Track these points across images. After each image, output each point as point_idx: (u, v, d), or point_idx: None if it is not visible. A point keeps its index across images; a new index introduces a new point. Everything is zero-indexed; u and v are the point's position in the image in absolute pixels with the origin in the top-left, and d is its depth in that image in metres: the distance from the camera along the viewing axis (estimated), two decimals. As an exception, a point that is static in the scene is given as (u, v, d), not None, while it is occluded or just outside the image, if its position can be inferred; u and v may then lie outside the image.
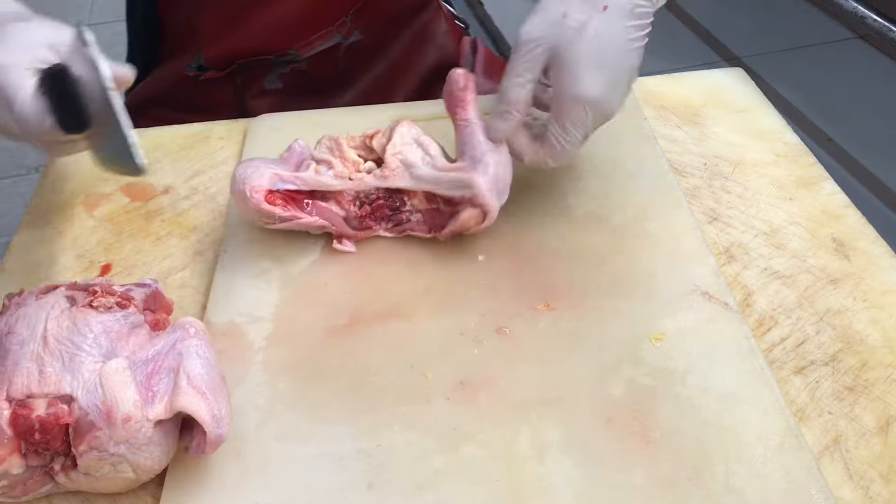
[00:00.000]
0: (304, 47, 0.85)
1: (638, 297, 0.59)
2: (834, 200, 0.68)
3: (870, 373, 0.55)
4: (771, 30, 2.38)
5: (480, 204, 0.59)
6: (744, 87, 0.81)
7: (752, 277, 0.62)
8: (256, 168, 0.61)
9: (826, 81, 2.13)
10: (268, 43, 0.84)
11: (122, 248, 0.67)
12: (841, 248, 0.64)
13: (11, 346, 0.48)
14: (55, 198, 0.72)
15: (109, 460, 0.46)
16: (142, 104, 0.88)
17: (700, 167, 0.72)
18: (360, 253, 0.64)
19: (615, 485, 0.47)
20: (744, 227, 0.66)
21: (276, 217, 0.60)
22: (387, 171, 0.62)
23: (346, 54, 0.87)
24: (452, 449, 0.50)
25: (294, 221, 0.61)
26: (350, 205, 0.63)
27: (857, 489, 0.48)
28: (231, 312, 0.60)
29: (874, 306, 0.59)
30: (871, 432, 0.51)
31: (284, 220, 0.61)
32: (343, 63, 0.88)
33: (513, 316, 0.58)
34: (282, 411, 0.53)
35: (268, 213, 0.60)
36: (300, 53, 0.85)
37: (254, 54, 0.84)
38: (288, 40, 0.84)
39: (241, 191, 0.60)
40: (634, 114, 0.76)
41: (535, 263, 0.61)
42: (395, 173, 0.62)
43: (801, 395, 0.54)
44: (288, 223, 0.61)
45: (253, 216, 0.61)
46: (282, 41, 0.84)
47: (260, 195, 0.59)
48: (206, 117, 0.80)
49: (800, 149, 0.73)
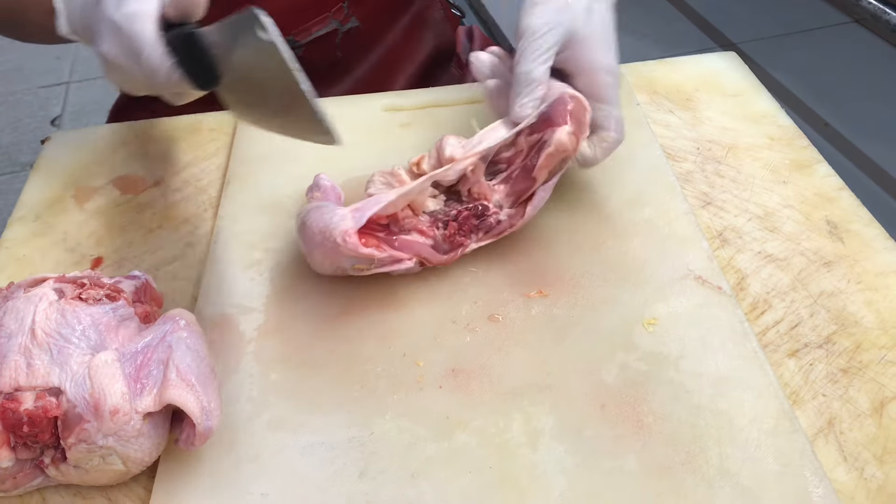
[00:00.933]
0: (302, 33, 0.84)
1: (631, 282, 0.58)
2: (828, 183, 0.68)
3: (864, 355, 0.55)
4: (766, 15, 2.37)
5: (570, 112, 0.57)
6: (737, 72, 0.80)
7: (746, 261, 0.61)
8: (331, 211, 0.55)
9: (822, 66, 2.13)
10: None
11: (113, 241, 0.66)
12: (835, 230, 0.63)
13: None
14: (46, 192, 0.72)
15: (98, 453, 0.46)
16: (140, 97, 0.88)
17: (693, 152, 0.71)
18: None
19: (609, 470, 0.47)
20: (737, 210, 0.65)
21: (374, 261, 0.55)
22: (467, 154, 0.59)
23: (343, 42, 0.87)
24: (445, 437, 0.50)
25: (392, 263, 0.56)
26: (432, 229, 0.58)
27: (852, 471, 0.48)
28: (222, 304, 0.59)
29: (868, 288, 0.59)
30: (865, 414, 0.51)
31: (382, 264, 0.56)
32: (340, 51, 0.87)
33: (505, 303, 0.58)
34: (274, 401, 0.52)
35: (367, 257, 0.55)
36: (297, 39, 0.84)
37: None
38: (286, 25, 0.83)
39: (331, 240, 0.54)
40: (626, 100, 0.75)
41: (527, 250, 0.61)
42: (480, 145, 0.59)
43: (796, 378, 0.53)
44: (384, 267, 0.56)
45: (343, 264, 0.56)
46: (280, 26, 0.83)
47: (355, 239, 0.53)
48: (203, 108, 0.80)
49: (793, 132, 0.73)
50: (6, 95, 2.29)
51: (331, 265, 0.56)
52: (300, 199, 0.67)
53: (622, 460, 0.48)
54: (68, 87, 2.31)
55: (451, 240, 0.58)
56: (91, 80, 2.34)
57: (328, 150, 0.71)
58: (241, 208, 0.67)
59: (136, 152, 0.75)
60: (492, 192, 0.60)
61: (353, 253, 0.54)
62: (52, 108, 2.23)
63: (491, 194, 0.60)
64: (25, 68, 2.39)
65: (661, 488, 0.46)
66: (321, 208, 0.56)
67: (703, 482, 0.46)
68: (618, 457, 0.48)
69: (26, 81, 2.34)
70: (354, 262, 0.55)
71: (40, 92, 2.30)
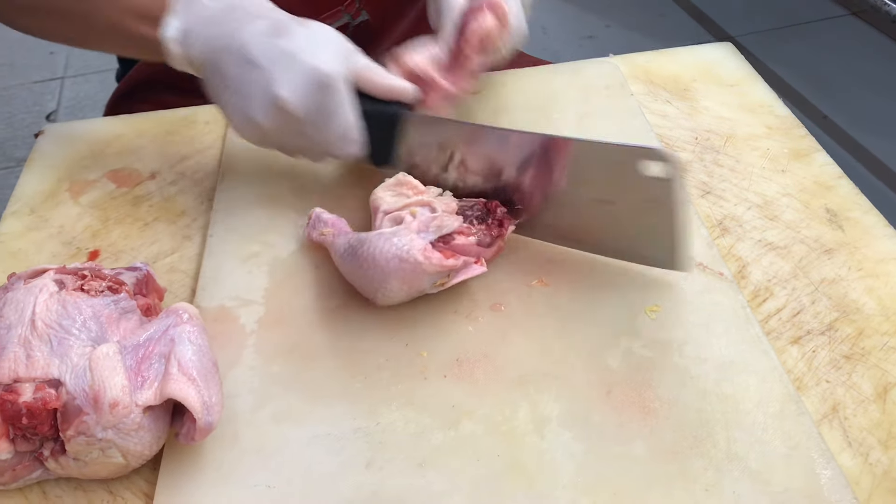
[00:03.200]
0: None
1: (632, 270, 0.58)
2: (826, 171, 0.68)
3: (866, 341, 0.55)
4: (764, 7, 2.37)
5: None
6: (733, 62, 0.81)
7: (747, 249, 0.61)
8: (391, 236, 0.53)
9: (820, 59, 2.14)
10: None
11: (109, 234, 0.66)
12: (834, 218, 0.64)
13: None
14: (40, 185, 0.71)
15: (98, 445, 0.45)
16: (140, 87, 0.87)
17: (691, 141, 0.71)
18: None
19: (616, 456, 0.47)
20: (737, 199, 0.66)
21: (455, 270, 0.54)
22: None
23: (353, 35, 0.86)
24: (452, 426, 0.49)
25: (465, 269, 0.55)
26: (469, 227, 0.56)
27: (857, 456, 0.48)
28: (221, 296, 0.59)
29: (869, 275, 0.59)
30: (868, 399, 0.51)
31: (457, 271, 0.54)
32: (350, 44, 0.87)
33: (507, 292, 0.57)
34: (277, 393, 0.52)
35: (451, 267, 0.53)
36: None
37: None
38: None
39: (411, 261, 0.52)
40: (621, 91, 0.75)
41: (526, 240, 0.61)
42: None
43: (799, 365, 0.53)
44: (460, 275, 0.54)
45: (424, 285, 0.54)
46: None
47: (437, 254, 0.52)
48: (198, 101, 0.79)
49: (791, 121, 0.73)
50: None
51: (409, 290, 0.54)
52: (295, 192, 0.67)
53: (630, 445, 0.47)
54: (63, 82, 2.28)
55: (491, 231, 0.57)
56: (86, 74, 2.31)
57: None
58: (236, 201, 0.66)
59: (131, 145, 0.74)
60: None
61: (438, 268, 0.52)
62: (47, 103, 2.21)
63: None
64: (19, 63, 2.36)
65: (669, 472, 0.46)
66: (377, 238, 0.54)
67: (712, 466, 0.46)
68: (625, 442, 0.48)
69: (20, 76, 2.31)
70: (435, 278, 0.54)
71: (34, 87, 2.27)
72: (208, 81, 0.58)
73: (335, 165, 0.68)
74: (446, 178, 0.60)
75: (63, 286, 0.50)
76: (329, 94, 0.50)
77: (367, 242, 0.54)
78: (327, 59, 0.50)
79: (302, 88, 0.50)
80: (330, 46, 0.53)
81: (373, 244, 0.53)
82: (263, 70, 0.51)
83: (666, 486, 0.45)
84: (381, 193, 0.59)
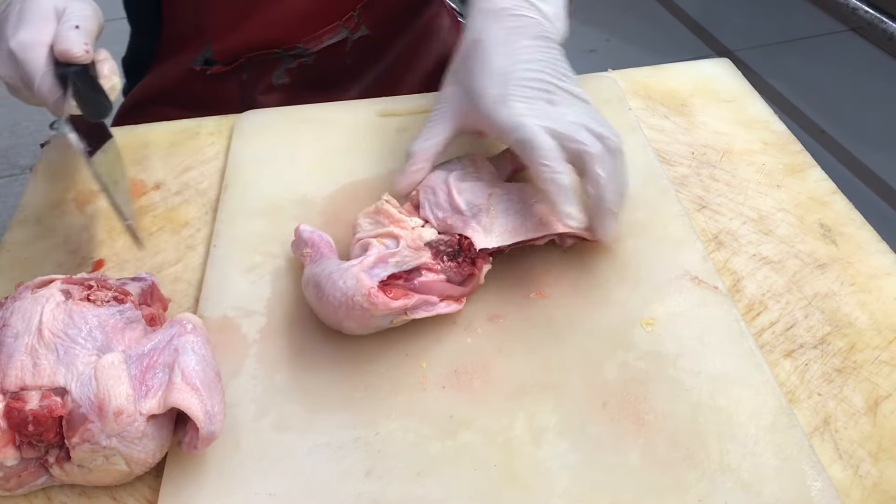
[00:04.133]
0: (313, 41, 0.85)
1: (628, 283, 0.59)
2: (821, 187, 0.69)
3: (858, 355, 0.56)
4: (762, 23, 2.39)
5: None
6: (731, 78, 0.82)
7: (741, 263, 0.62)
8: (342, 273, 0.53)
9: (818, 74, 2.15)
10: (277, 35, 0.84)
11: (113, 243, 0.67)
12: (828, 233, 0.65)
13: (6, 338, 0.48)
14: (46, 195, 0.72)
15: (102, 453, 0.46)
16: (145, 101, 0.88)
17: (688, 156, 0.72)
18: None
19: (612, 467, 0.48)
20: (732, 214, 0.67)
21: (409, 308, 0.53)
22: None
23: (353, 49, 0.88)
24: (450, 436, 0.50)
25: (426, 306, 0.54)
26: (438, 262, 0.56)
27: (847, 468, 0.49)
28: (224, 307, 0.60)
29: (862, 290, 0.60)
30: (860, 413, 0.52)
31: (417, 308, 0.54)
32: (349, 58, 0.88)
33: (505, 304, 0.58)
34: (279, 403, 0.53)
35: (400, 308, 0.52)
36: (308, 47, 0.85)
37: (263, 47, 0.84)
38: (297, 33, 0.84)
39: (358, 306, 0.51)
40: (618, 105, 0.76)
41: (524, 253, 0.62)
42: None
43: (791, 378, 0.54)
44: (421, 311, 0.54)
45: (381, 323, 0.54)
46: (291, 34, 0.84)
47: (383, 297, 0.51)
48: (211, 114, 0.80)
49: (787, 137, 0.74)
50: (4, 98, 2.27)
51: (366, 327, 0.54)
52: (297, 203, 0.68)
53: (625, 456, 0.48)
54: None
55: (462, 269, 0.56)
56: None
57: (323, 155, 0.72)
58: (239, 212, 0.67)
59: (135, 156, 0.75)
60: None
61: (384, 310, 0.52)
62: (51, 111, 2.22)
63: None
64: (23, 71, 2.38)
65: (663, 483, 0.47)
66: (327, 278, 0.53)
67: (705, 477, 0.47)
68: (620, 453, 0.48)
69: (25, 84, 2.33)
70: (390, 317, 0.53)
71: (38, 95, 2.29)
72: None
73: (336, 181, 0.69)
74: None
75: (70, 296, 0.50)
76: (22, 66, 0.56)
77: (322, 280, 0.54)
78: (22, 38, 0.56)
79: (6, 65, 0.58)
80: (33, 14, 0.58)
81: (326, 283, 0.53)
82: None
83: (660, 497, 0.46)
84: (361, 220, 0.59)
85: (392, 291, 0.53)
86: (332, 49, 0.86)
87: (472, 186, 0.60)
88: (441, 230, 0.59)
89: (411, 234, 0.57)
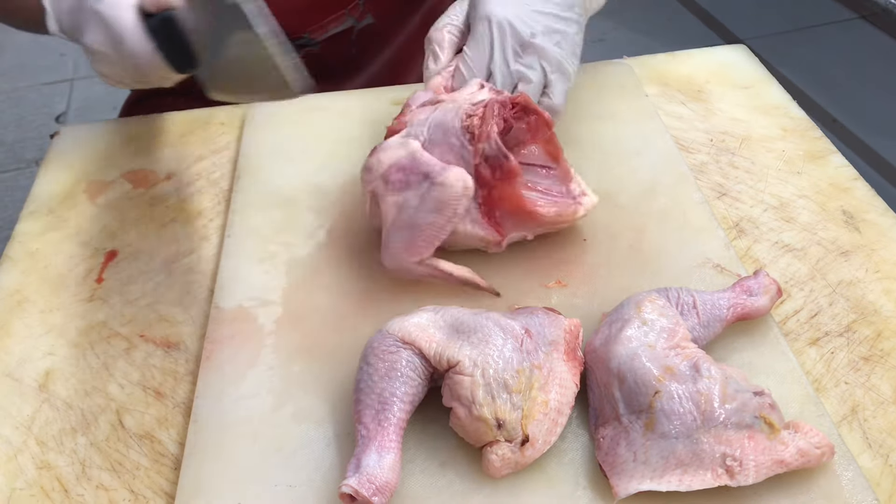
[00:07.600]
0: (318, 30, 0.84)
1: (649, 271, 0.58)
2: (842, 173, 0.68)
3: (885, 343, 0.55)
4: (774, 11, 2.37)
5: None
6: (747, 64, 0.81)
7: (763, 251, 0.61)
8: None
9: (830, 62, 2.13)
10: (283, 25, 0.83)
11: (126, 234, 0.66)
12: (851, 220, 0.64)
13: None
14: (57, 186, 0.71)
15: None
16: (153, 92, 0.87)
17: (706, 143, 0.71)
18: (366, 235, 0.63)
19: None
20: (753, 201, 0.66)
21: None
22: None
23: (358, 38, 0.87)
24: (471, 426, 0.49)
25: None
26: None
27: (877, 457, 0.48)
28: (239, 297, 0.59)
29: (887, 277, 0.59)
30: (888, 401, 0.51)
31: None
32: (355, 47, 0.87)
33: (525, 293, 0.57)
34: (297, 394, 0.52)
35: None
36: (314, 37, 0.84)
37: None
38: (303, 23, 0.83)
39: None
40: (635, 92, 0.75)
41: (543, 242, 0.61)
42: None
43: (817, 366, 0.53)
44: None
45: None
46: (296, 24, 0.83)
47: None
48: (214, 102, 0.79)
49: (806, 123, 0.73)
50: (10, 92, 2.27)
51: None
52: (311, 193, 0.67)
53: (650, 447, 0.47)
54: (73, 84, 2.29)
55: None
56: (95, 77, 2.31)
57: (337, 143, 0.71)
58: (252, 202, 0.67)
59: (147, 147, 0.75)
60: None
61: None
62: (57, 104, 2.22)
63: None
64: (29, 65, 2.37)
65: (691, 474, 0.46)
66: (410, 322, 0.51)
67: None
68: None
69: (30, 78, 2.33)
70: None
71: (44, 89, 2.28)
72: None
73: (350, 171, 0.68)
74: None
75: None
76: (110, 26, 0.54)
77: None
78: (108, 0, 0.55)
79: (94, 30, 0.56)
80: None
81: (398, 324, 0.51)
82: (81, 28, 0.56)
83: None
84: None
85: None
86: (338, 38, 0.86)
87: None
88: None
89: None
